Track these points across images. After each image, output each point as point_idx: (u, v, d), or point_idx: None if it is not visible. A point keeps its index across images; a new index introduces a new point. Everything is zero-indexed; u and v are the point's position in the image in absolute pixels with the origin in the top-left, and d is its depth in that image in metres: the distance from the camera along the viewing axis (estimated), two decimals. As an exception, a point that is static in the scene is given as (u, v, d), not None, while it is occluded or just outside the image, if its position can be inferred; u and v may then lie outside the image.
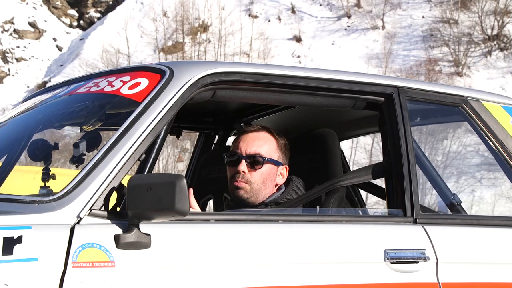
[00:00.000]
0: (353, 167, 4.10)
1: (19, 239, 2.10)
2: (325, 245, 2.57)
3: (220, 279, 2.34)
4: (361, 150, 25.38)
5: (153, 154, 2.41)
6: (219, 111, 3.66)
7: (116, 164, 2.31)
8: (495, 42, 36.63)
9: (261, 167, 2.93)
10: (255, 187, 2.92)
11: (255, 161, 2.93)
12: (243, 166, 2.93)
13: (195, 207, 2.73)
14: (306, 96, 2.85)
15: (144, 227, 2.25)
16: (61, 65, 43.28)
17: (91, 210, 2.25)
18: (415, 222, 2.80)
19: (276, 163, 2.97)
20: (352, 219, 2.79)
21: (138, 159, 2.39)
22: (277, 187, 2.99)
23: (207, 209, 3.64)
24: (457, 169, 25.11)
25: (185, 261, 2.31)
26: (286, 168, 3.02)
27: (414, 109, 3.06)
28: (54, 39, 46.37)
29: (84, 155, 2.56)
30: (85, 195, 2.25)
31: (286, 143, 3.05)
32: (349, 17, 41.35)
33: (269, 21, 41.96)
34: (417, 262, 2.70)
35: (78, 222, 2.22)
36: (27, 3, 46.91)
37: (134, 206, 2.19)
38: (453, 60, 35.89)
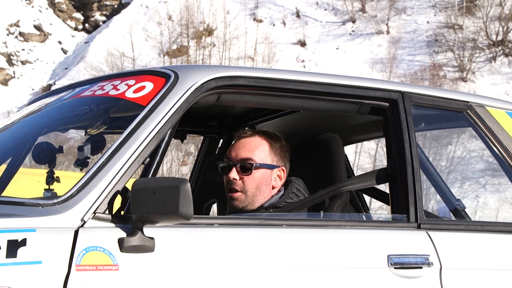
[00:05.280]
0: (357, 172, 4.10)
1: (23, 242, 2.10)
2: (328, 250, 2.57)
3: (224, 284, 2.34)
4: (365, 155, 25.36)
5: (158, 157, 2.41)
6: (223, 115, 3.66)
7: (120, 168, 2.31)
8: (500, 48, 36.61)
9: (251, 173, 2.89)
10: (250, 194, 2.90)
11: (244, 167, 2.90)
12: (233, 173, 2.90)
13: None
14: (311, 101, 2.85)
15: (148, 230, 2.25)
16: (66, 68, 43.35)
17: (95, 214, 2.25)
18: (419, 227, 2.79)
19: (270, 167, 2.94)
20: (356, 224, 2.78)
21: (143, 163, 2.39)
22: (274, 189, 2.96)
23: (210, 213, 3.64)
24: (461, 174, 25.08)
25: (189, 265, 2.31)
26: (283, 170, 2.98)
27: (419, 114, 3.06)
28: (59, 42, 46.46)
29: (89, 158, 2.56)
30: (89, 198, 2.25)
31: (284, 144, 3.01)
32: (353, 22, 41.35)
33: (273, 25, 41.99)
34: (421, 267, 2.70)
35: (82, 225, 2.22)
36: (32, 6, 47.02)
37: (138, 210, 2.19)
38: (457, 65, 35.87)
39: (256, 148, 2.93)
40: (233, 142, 3.02)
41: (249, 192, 2.89)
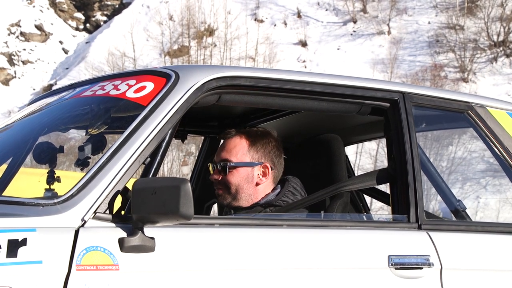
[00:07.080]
0: (357, 172, 4.10)
1: (24, 242, 2.10)
2: (329, 250, 2.57)
3: (224, 284, 2.34)
4: (366, 155, 25.36)
5: (158, 157, 2.41)
6: (224, 115, 3.66)
7: (121, 168, 2.31)
8: (501, 49, 36.59)
9: (227, 173, 2.95)
10: (232, 191, 2.94)
11: (222, 168, 2.97)
12: (215, 174, 2.99)
13: None
14: (311, 101, 2.85)
15: (149, 230, 2.25)
16: (67, 68, 43.36)
17: (95, 213, 2.25)
18: (419, 228, 2.79)
19: (249, 165, 2.96)
20: (357, 224, 2.78)
21: (143, 163, 2.39)
22: (260, 186, 2.97)
23: (211, 213, 3.64)
24: (462, 175, 25.08)
25: (189, 265, 2.31)
26: (266, 166, 2.98)
27: (420, 115, 3.06)
28: (61, 42, 46.46)
29: (89, 158, 2.57)
30: (90, 198, 2.25)
31: (269, 140, 3.01)
32: (355, 22, 41.35)
33: (275, 25, 41.98)
34: (421, 268, 2.70)
35: (82, 225, 2.22)
36: (34, 6, 47.03)
37: (139, 210, 2.19)
38: (458, 66, 35.86)
39: (234, 148, 2.98)
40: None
41: (231, 189, 2.95)
